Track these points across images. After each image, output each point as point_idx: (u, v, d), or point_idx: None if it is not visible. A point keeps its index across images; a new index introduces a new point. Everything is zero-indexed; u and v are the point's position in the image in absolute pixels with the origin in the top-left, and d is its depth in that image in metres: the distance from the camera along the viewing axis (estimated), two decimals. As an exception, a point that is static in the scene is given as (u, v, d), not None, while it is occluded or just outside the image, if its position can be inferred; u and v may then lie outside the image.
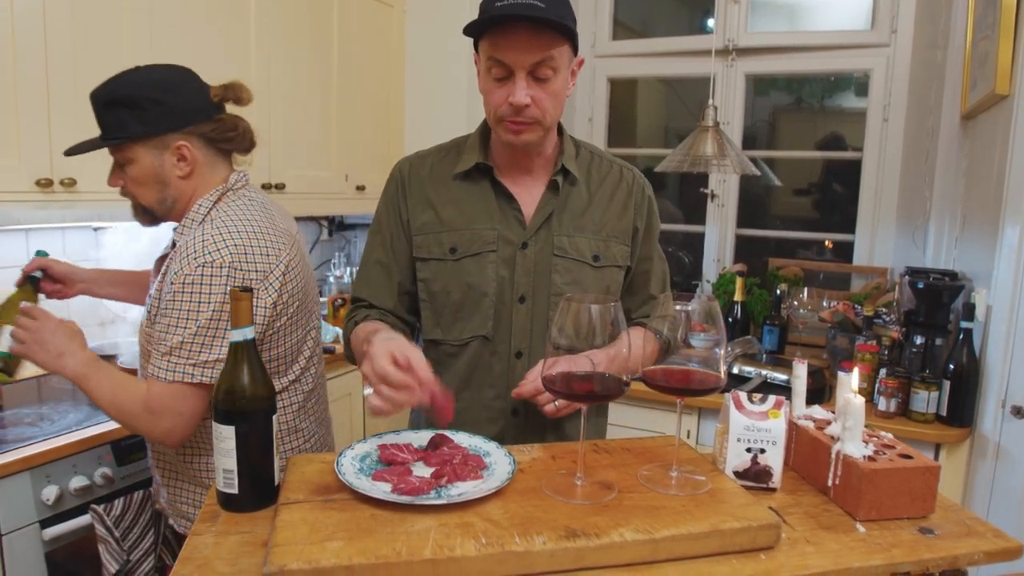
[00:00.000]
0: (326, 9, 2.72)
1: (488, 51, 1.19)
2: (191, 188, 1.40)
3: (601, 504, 0.95)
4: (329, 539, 0.83)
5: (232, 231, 1.33)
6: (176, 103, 1.35)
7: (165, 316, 1.30)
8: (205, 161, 1.40)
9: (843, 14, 3.03)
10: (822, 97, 3.25)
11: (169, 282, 1.30)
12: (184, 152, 1.37)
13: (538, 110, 1.20)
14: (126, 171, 1.41)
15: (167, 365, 1.28)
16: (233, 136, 1.42)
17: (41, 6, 1.82)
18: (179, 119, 1.35)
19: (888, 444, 1.10)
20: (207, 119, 1.38)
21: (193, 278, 1.28)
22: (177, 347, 1.28)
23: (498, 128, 1.24)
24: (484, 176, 1.31)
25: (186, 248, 1.30)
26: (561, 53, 1.18)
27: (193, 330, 1.28)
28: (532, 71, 1.17)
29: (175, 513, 1.50)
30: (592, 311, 0.95)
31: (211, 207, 1.38)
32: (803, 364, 1.22)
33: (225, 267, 1.29)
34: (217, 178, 1.43)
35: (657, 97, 3.68)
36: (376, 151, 3.05)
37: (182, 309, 1.28)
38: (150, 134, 1.35)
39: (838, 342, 2.42)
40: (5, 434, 1.72)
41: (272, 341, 1.40)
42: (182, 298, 1.28)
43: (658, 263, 1.42)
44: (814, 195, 3.23)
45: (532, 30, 1.14)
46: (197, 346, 1.28)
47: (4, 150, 1.79)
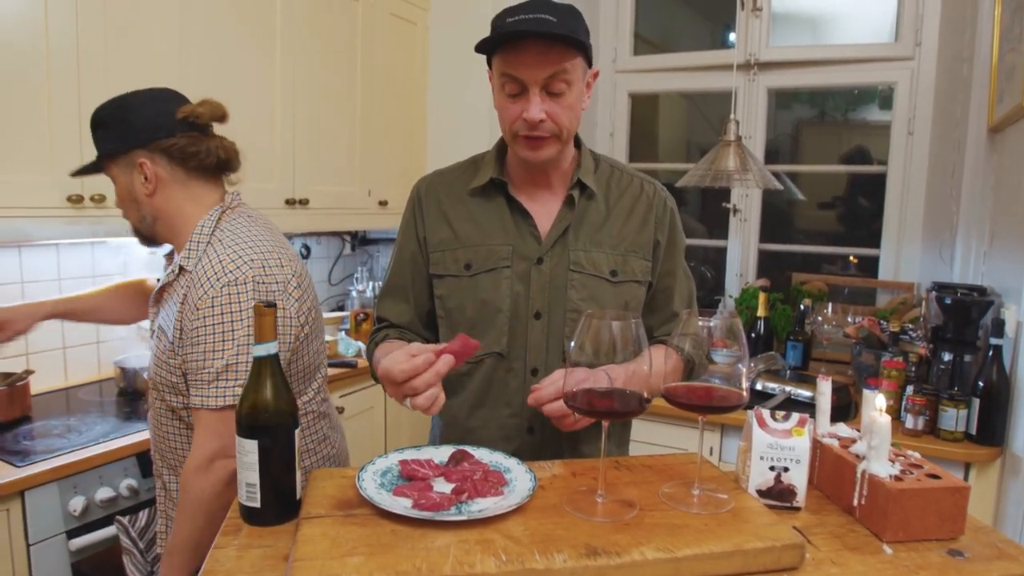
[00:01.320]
0: (350, 26, 2.76)
1: (501, 67, 1.20)
2: (165, 208, 1.38)
3: (622, 522, 0.94)
4: (350, 554, 0.84)
5: (245, 247, 1.33)
6: (136, 120, 1.35)
7: (199, 343, 1.27)
8: (171, 179, 1.37)
9: (866, 27, 3.01)
10: (846, 110, 3.23)
11: (194, 307, 1.28)
12: (145, 170, 1.35)
13: (554, 124, 1.20)
14: (116, 191, 1.42)
15: (216, 392, 1.27)
16: (195, 152, 1.37)
17: (74, 29, 1.87)
18: (137, 136, 1.35)
19: (915, 463, 1.08)
20: (168, 136, 1.35)
21: (221, 299, 1.27)
22: (223, 371, 1.27)
23: (515, 144, 1.25)
24: (499, 192, 1.31)
25: (204, 272, 1.30)
26: (574, 66, 1.18)
27: (234, 351, 1.27)
28: (545, 86, 1.17)
29: None
30: (613, 328, 0.95)
31: (213, 228, 1.37)
32: (827, 381, 1.20)
33: (249, 282, 1.29)
34: (201, 197, 1.40)
35: (679, 112, 3.68)
36: (399, 166, 3.08)
37: (216, 332, 1.27)
38: (115, 152, 1.37)
39: (864, 358, 2.39)
40: (34, 445, 1.75)
41: (301, 351, 1.42)
42: (214, 321, 1.27)
43: (683, 280, 1.38)
44: (839, 209, 3.20)
45: (544, 45, 1.15)
46: (242, 365, 1.27)
47: (37, 167, 1.83)
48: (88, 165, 1.44)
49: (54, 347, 2.26)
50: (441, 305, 1.34)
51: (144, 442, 1.82)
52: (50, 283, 2.24)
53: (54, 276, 2.24)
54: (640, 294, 1.33)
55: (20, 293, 2.16)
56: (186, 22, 2.15)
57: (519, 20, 1.14)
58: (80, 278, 2.31)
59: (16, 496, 1.58)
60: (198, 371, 1.28)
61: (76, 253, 2.30)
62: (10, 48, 1.76)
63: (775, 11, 3.06)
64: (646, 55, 3.38)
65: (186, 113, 1.37)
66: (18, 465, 1.62)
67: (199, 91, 2.18)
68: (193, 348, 1.28)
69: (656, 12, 3.46)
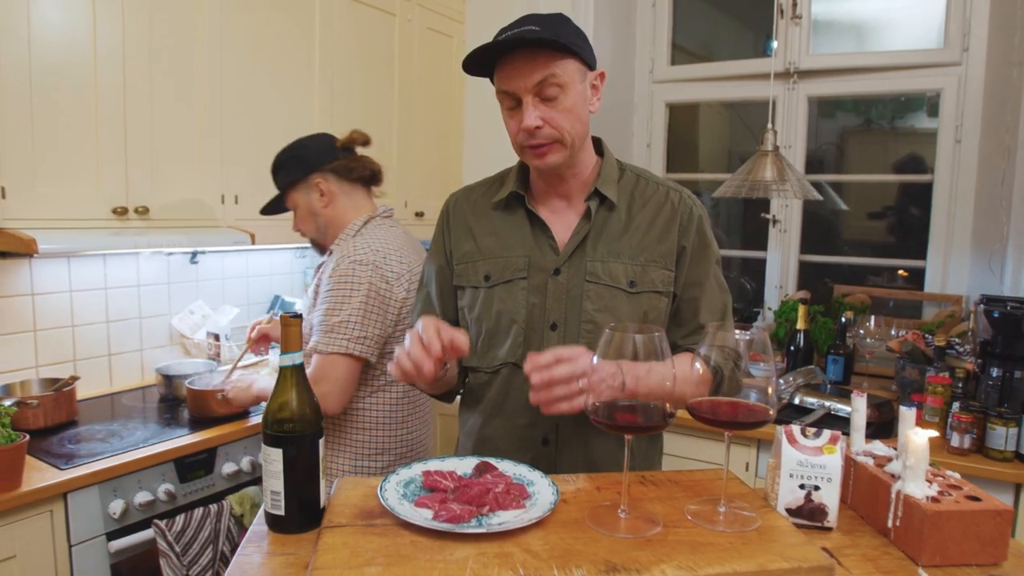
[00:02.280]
0: (387, 41, 2.81)
1: (496, 85, 1.22)
2: (335, 214, 1.82)
3: (644, 538, 0.93)
4: (368, 564, 0.84)
5: (376, 241, 1.73)
6: (307, 154, 1.81)
7: (325, 303, 1.66)
8: (341, 191, 1.82)
9: (911, 33, 2.93)
10: (892, 118, 3.14)
11: (327, 276, 1.69)
12: (321, 186, 1.80)
13: (553, 129, 1.19)
14: (296, 214, 1.86)
15: (327, 340, 1.63)
16: (354, 167, 1.82)
17: (121, 50, 1.95)
18: (312, 163, 1.80)
19: (954, 484, 1.04)
20: (333, 159, 1.80)
21: (346, 272, 1.66)
22: (336, 325, 1.63)
23: (523, 156, 1.26)
24: (520, 205, 1.32)
25: (342, 252, 1.71)
26: (565, 69, 1.17)
27: (348, 312, 1.64)
28: (538, 92, 1.17)
29: None
30: (636, 341, 0.94)
31: (361, 226, 1.80)
32: (862, 397, 1.17)
33: (369, 265, 1.68)
34: (360, 205, 1.84)
35: (720, 121, 3.63)
36: (435, 178, 3.11)
37: (338, 297, 1.65)
38: (297, 180, 1.81)
39: (907, 373, 2.31)
40: (78, 449, 1.80)
41: (400, 337, 1.66)
42: (339, 288, 1.65)
43: (713, 291, 1.32)
44: (889, 219, 3.09)
45: (528, 53, 1.16)
46: (350, 326, 1.64)
47: (84, 179, 1.90)
48: (272, 201, 1.91)
49: (100, 354, 2.33)
50: (463, 316, 1.36)
51: (183, 448, 1.87)
52: (97, 292, 2.31)
53: (101, 285, 2.32)
54: (661, 305, 1.28)
55: (69, 301, 2.23)
56: (227, 40, 2.22)
57: (503, 37, 1.16)
58: (126, 287, 2.39)
59: (59, 498, 1.63)
60: (319, 323, 1.66)
61: (122, 263, 2.37)
62: (62, 72, 1.84)
63: (818, 19, 3.00)
64: (684, 64, 3.35)
65: (345, 141, 1.84)
66: (62, 468, 1.67)
67: (238, 107, 2.26)
68: (321, 305, 1.68)
69: (697, 22, 3.43)
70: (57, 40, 1.82)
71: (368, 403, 1.75)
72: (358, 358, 1.65)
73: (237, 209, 2.30)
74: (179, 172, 2.13)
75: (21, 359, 2.13)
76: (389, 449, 1.78)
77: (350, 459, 1.75)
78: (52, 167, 1.83)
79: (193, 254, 2.56)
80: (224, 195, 2.26)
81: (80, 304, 2.27)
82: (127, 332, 2.41)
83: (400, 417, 1.79)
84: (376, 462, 1.76)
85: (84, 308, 2.28)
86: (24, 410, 1.87)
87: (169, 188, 2.11)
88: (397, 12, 2.83)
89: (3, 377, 2.07)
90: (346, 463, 1.75)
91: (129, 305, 2.41)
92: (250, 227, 2.29)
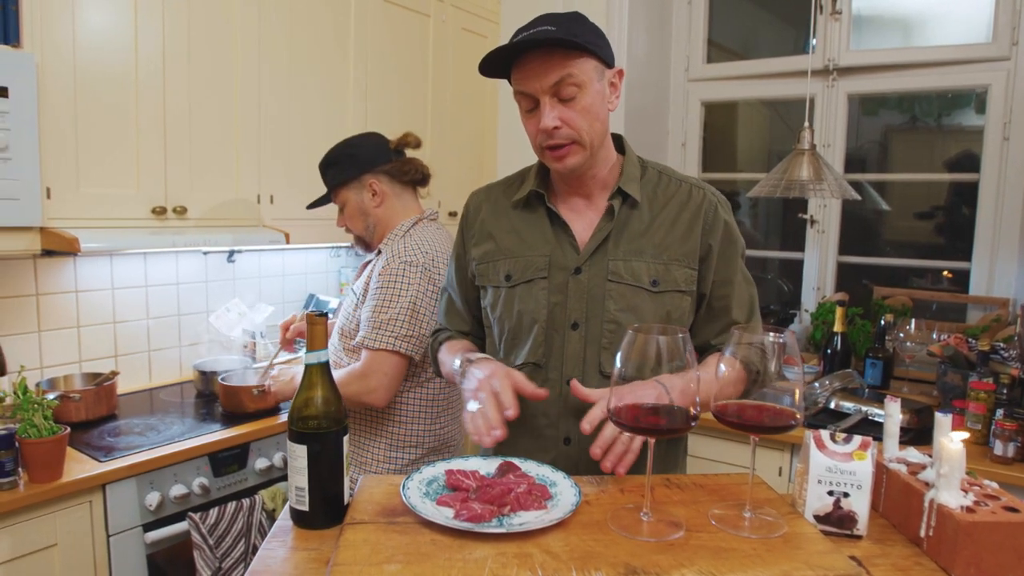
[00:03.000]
0: (421, 41, 2.83)
1: (514, 87, 1.22)
2: (385, 215, 1.85)
3: (666, 542, 0.91)
4: (388, 561, 0.85)
5: (425, 244, 1.77)
6: (362, 153, 1.84)
7: (374, 299, 1.71)
8: (392, 192, 1.85)
9: (958, 27, 2.84)
10: (939, 115, 3.04)
11: (377, 274, 1.73)
12: (374, 187, 1.83)
13: (571, 129, 1.18)
14: (344, 212, 1.89)
15: (376, 336, 1.68)
16: (408, 170, 1.86)
17: (160, 54, 2.00)
18: (365, 164, 1.83)
19: (991, 495, 1.01)
20: (387, 161, 1.84)
21: (396, 272, 1.71)
22: (385, 322, 1.68)
23: (543, 158, 1.25)
24: (541, 203, 1.31)
25: (392, 252, 1.75)
26: (581, 68, 1.16)
27: (396, 311, 1.68)
28: (555, 93, 1.16)
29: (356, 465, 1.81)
30: (659, 343, 0.93)
31: (410, 227, 1.83)
32: (896, 402, 1.14)
33: (419, 266, 1.72)
34: (409, 206, 1.88)
35: (760, 120, 3.57)
36: (469, 178, 3.12)
37: (387, 295, 1.70)
38: (349, 179, 1.84)
39: (949, 378, 2.24)
40: (117, 442, 1.86)
41: None
42: (389, 286, 1.70)
43: (742, 286, 1.31)
44: (938, 219, 2.99)
45: (544, 54, 1.15)
46: (398, 324, 1.68)
47: (125, 181, 1.96)
48: (321, 198, 1.94)
49: (140, 350, 2.40)
50: (486, 316, 1.36)
51: (216, 442, 1.91)
52: (138, 290, 2.38)
53: (142, 283, 2.38)
54: (684, 304, 1.27)
55: (111, 299, 2.30)
56: (263, 44, 2.26)
57: (518, 38, 1.15)
58: (165, 285, 2.45)
59: (98, 489, 1.68)
60: (368, 319, 1.70)
61: (162, 261, 2.43)
62: (104, 75, 1.89)
63: (860, 14, 2.93)
64: (719, 63, 3.30)
65: (398, 142, 1.87)
66: (101, 460, 1.72)
67: (274, 109, 2.30)
68: (369, 302, 1.72)
69: (736, 19, 3.37)
70: (100, 45, 1.87)
71: (407, 397, 1.78)
72: (404, 355, 1.69)
73: (273, 209, 2.34)
74: (216, 173, 2.18)
75: (65, 354, 2.20)
76: (423, 442, 1.80)
77: (384, 449, 1.78)
78: (94, 168, 1.89)
79: (230, 253, 2.62)
80: (260, 195, 2.30)
81: (122, 301, 2.34)
82: (166, 329, 2.47)
83: (435, 412, 1.81)
84: (409, 453, 1.79)
85: (125, 305, 2.35)
86: (66, 403, 1.93)
87: (207, 188, 2.16)
88: (431, 13, 2.85)
89: (48, 371, 2.14)
90: (380, 453, 1.78)
91: (168, 303, 2.47)
92: (285, 227, 2.33)
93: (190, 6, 2.06)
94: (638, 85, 3.09)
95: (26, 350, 2.10)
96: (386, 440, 1.79)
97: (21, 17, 1.71)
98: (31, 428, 1.57)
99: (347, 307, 1.83)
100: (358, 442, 1.81)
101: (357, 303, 1.79)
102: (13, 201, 1.70)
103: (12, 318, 2.07)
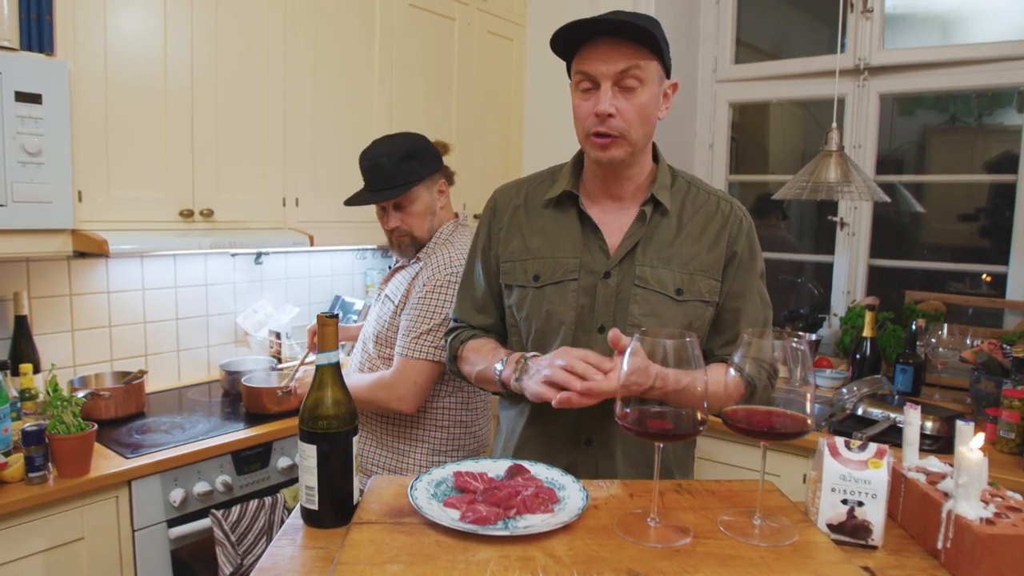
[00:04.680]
0: (447, 45, 2.84)
1: (576, 66, 1.21)
2: (442, 217, 1.85)
3: (672, 548, 0.91)
4: (391, 561, 0.85)
5: None
6: (433, 152, 1.82)
7: (416, 309, 1.70)
8: (445, 195, 1.86)
9: (995, 25, 2.75)
10: (979, 115, 2.95)
11: (421, 284, 1.72)
12: (443, 187, 1.85)
13: (623, 122, 1.18)
14: (408, 210, 1.79)
15: (415, 345, 1.68)
16: (452, 174, 1.89)
17: (189, 60, 2.04)
18: (437, 162, 1.83)
19: (1014, 507, 0.97)
20: (442, 163, 1.85)
21: (442, 284, 1.70)
22: (426, 332, 1.68)
23: (586, 145, 1.24)
24: (572, 204, 1.31)
25: (438, 261, 1.73)
26: (648, 66, 1.17)
27: (438, 321, 1.68)
28: (617, 81, 1.17)
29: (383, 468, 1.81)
30: (666, 346, 0.92)
31: (450, 234, 1.83)
32: (915, 410, 1.11)
33: None
34: (449, 208, 1.88)
35: (793, 121, 3.50)
36: (494, 180, 3.10)
37: (431, 306, 1.69)
38: (429, 174, 1.80)
39: (982, 386, 2.18)
40: (144, 439, 1.90)
41: None
42: (433, 297, 1.69)
43: (755, 304, 1.31)
44: (980, 221, 2.89)
45: (616, 40, 1.15)
46: (439, 335, 1.67)
47: (153, 184, 2.00)
48: (394, 189, 1.77)
49: (169, 349, 2.45)
50: (511, 314, 1.36)
51: (240, 441, 1.94)
52: (168, 291, 2.43)
53: (171, 284, 2.44)
54: (706, 314, 1.28)
55: (141, 299, 2.36)
56: (290, 48, 2.29)
57: (598, 17, 1.15)
58: (194, 286, 2.50)
59: (124, 485, 1.72)
60: (408, 329, 1.70)
61: (191, 263, 2.48)
62: (134, 81, 1.94)
63: (896, 13, 2.86)
64: (747, 63, 3.25)
65: (443, 148, 1.88)
66: (128, 456, 1.76)
67: (300, 112, 2.33)
68: (410, 311, 1.71)
69: (769, 19, 3.32)
70: (130, 53, 1.92)
71: (446, 402, 1.78)
72: (439, 363, 1.69)
73: (298, 212, 2.37)
74: (243, 176, 2.22)
75: (98, 353, 2.26)
76: (464, 445, 1.81)
77: (426, 454, 1.79)
78: (124, 172, 1.94)
79: (258, 255, 2.66)
80: (285, 198, 2.34)
81: (152, 302, 2.39)
82: (195, 329, 2.52)
83: (474, 416, 1.83)
84: (451, 457, 1.79)
85: (155, 306, 2.41)
86: (96, 401, 1.98)
87: (233, 191, 2.20)
88: (457, 17, 2.86)
89: (80, 369, 2.20)
90: (423, 459, 1.79)
91: (197, 303, 2.52)
92: (310, 229, 2.36)
93: (218, 13, 2.10)
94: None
95: (60, 349, 2.16)
96: (427, 446, 1.79)
97: (55, 26, 1.76)
98: (60, 425, 1.62)
99: (383, 313, 1.81)
100: (399, 449, 1.80)
101: (396, 310, 1.77)
102: (46, 204, 1.75)
103: (47, 318, 2.13)
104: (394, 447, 1.80)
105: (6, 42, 1.68)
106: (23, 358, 1.94)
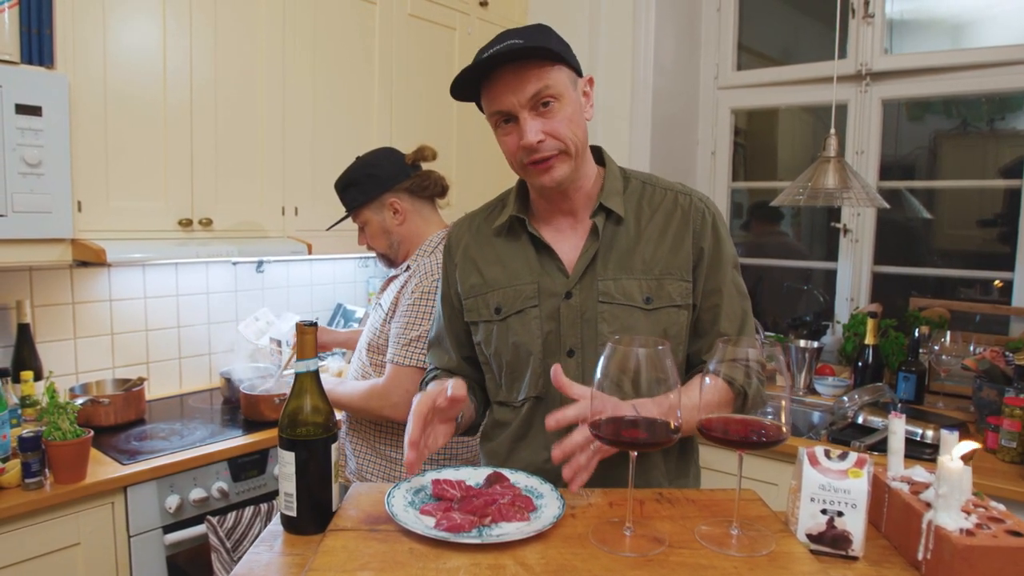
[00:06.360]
0: (446, 54, 2.86)
1: (488, 108, 1.18)
2: (408, 232, 1.85)
3: (645, 558, 0.90)
4: (362, 569, 0.85)
5: None
6: (380, 172, 1.83)
7: (404, 317, 1.71)
8: (413, 209, 1.85)
9: (1002, 29, 2.72)
10: (991, 120, 2.92)
11: (409, 292, 1.73)
12: (396, 206, 1.83)
13: (556, 140, 1.14)
14: (365, 231, 1.89)
15: (404, 352, 1.69)
16: (427, 185, 1.86)
17: (188, 70, 2.07)
18: (386, 182, 1.82)
19: (996, 517, 0.96)
20: (405, 177, 1.83)
21: (427, 291, 1.71)
22: (415, 339, 1.68)
23: (527, 175, 1.20)
24: (523, 228, 1.26)
25: (423, 270, 1.75)
26: (557, 78, 1.13)
27: (427, 328, 1.65)
28: (534, 106, 1.13)
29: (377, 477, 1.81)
30: (639, 355, 0.91)
31: (439, 243, 1.82)
32: (900, 419, 1.09)
33: None
34: (430, 220, 1.88)
35: (802, 127, 3.48)
36: (495, 190, 3.06)
37: (418, 314, 1.70)
38: (369, 199, 1.83)
39: (984, 394, 2.15)
40: (142, 446, 1.92)
41: None
42: (420, 306, 1.70)
43: (732, 297, 1.23)
44: (992, 227, 2.86)
45: (517, 68, 1.11)
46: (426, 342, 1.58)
47: (152, 193, 2.03)
48: (342, 219, 1.94)
49: (171, 357, 2.47)
50: (481, 351, 1.31)
51: (235, 448, 1.95)
52: (169, 299, 2.46)
53: (173, 292, 2.46)
54: (681, 319, 1.22)
55: (143, 307, 2.38)
56: (288, 57, 2.32)
57: (486, 55, 1.11)
58: (196, 295, 2.53)
59: (120, 491, 1.74)
60: (398, 336, 1.71)
61: (193, 271, 2.51)
62: (133, 91, 1.97)
63: (900, 17, 2.84)
64: (748, 70, 3.24)
65: (414, 156, 1.86)
66: (124, 463, 1.78)
67: (299, 122, 2.35)
68: (399, 319, 1.72)
69: (774, 25, 3.31)
70: (129, 64, 1.95)
71: None
72: None
73: (297, 220, 2.39)
74: (241, 185, 2.24)
75: (99, 360, 2.28)
76: (457, 455, 1.79)
77: None
78: (123, 182, 1.96)
79: (259, 263, 2.68)
80: (284, 207, 2.36)
81: (153, 310, 2.42)
82: (196, 337, 2.54)
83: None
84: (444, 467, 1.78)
85: (157, 314, 2.43)
86: (96, 408, 2.00)
87: (232, 201, 2.22)
88: (457, 26, 2.88)
89: (83, 376, 2.23)
90: None
91: (199, 311, 2.54)
92: (310, 238, 2.38)
93: (217, 23, 2.13)
94: (666, 94, 3.07)
95: (63, 356, 2.19)
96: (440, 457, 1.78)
97: (55, 40, 1.79)
98: (56, 431, 1.64)
99: (374, 322, 1.83)
100: (393, 458, 1.78)
101: (385, 318, 1.78)
102: (46, 214, 1.78)
103: (50, 326, 2.16)
104: (388, 455, 1.80)
105: (7, 56, 1.71)
106: (25, 366, 1.97)
